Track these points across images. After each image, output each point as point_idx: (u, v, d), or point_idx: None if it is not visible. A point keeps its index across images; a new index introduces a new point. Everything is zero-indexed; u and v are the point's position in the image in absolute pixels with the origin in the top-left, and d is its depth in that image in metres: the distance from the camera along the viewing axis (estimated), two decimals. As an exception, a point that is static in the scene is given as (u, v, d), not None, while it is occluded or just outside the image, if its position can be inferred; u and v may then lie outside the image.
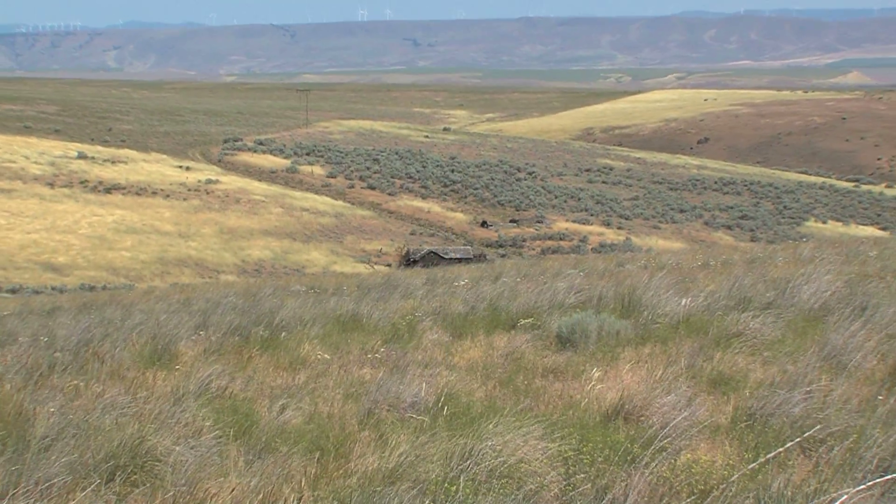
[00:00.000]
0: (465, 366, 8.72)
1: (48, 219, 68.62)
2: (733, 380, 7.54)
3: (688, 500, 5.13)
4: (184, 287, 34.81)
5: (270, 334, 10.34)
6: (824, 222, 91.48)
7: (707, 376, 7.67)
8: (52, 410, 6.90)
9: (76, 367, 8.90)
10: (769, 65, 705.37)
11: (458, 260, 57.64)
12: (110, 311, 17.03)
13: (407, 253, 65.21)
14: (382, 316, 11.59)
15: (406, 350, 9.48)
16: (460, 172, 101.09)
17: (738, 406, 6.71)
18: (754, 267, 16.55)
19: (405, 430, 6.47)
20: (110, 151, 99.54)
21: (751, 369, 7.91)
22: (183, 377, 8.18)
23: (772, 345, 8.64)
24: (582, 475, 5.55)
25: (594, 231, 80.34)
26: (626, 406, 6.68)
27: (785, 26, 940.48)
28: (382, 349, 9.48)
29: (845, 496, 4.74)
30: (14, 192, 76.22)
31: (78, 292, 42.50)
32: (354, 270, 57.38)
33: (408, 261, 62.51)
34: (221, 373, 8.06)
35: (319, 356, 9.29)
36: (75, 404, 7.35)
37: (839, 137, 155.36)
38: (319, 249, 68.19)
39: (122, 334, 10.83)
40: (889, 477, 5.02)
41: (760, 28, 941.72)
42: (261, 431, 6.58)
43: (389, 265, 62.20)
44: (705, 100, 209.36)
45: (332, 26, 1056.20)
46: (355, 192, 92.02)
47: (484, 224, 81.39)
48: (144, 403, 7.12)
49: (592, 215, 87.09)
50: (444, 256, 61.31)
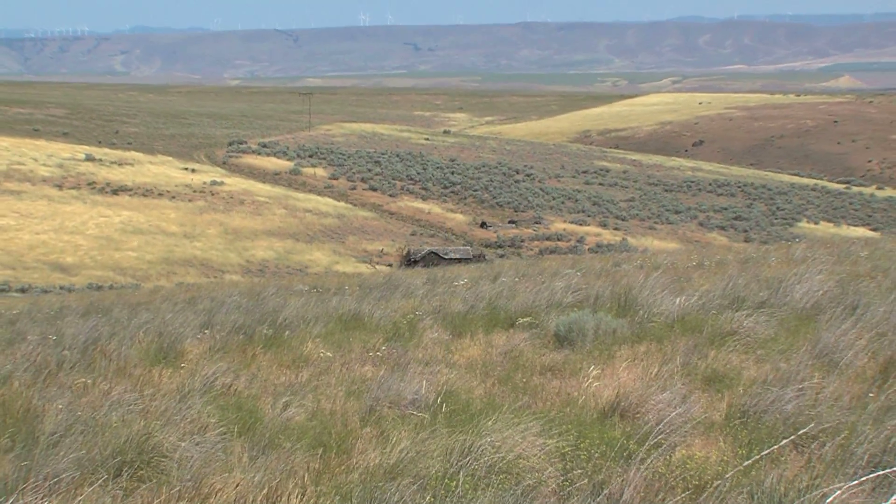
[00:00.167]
0: (465, 364, 8.76)
1: (56, 220, 68.56)
2: (727, 377, 7.58)
3: (683, 496, 5.17)
4: (189, 286, 34.83)
5: (274, 333, 10.36)
6: (816, 223, 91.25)
7: (701, 374, 7.71)
8: (61, 407, 6.96)
9: (84, 365, 8.95)
10: (763, 69, 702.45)
11: (458, 260, 57.61)
12: (117, 311, 17.13)
13: (408, 253, 65.15)
14: (384, 315, 11.62)
15: (407, 348, 9.52)
16: (460, 174, 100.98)
17: (732, 403, 6.74)
18: (748, 267, 16.63)
19: (406, 427, 6.53)
20: (117, 154, 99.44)
21: (744, 367, 7.95)
22: (188, 375, 8.24)
23: (765, 343, 8.68)
24: (579, 471, 5.59)
25: (591, 232, 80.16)
26: (623, 403, 6.72)
27: (778, 31, 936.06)
28: (384, 347, 9.53)
29: (837, 492, 4.78)
30: (23, 194, 76.14)
31: (85, 292, 42.52)
32: (356, 270, 57.34)
33: (408, 261, 62.46)
34: (226, 370, 8.10)
35: (322, 354, 9.34)
36: (83, 401, 7.41)
37: (831, 140, 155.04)
38: (322, 250, 68.12)
39: (129, 333, 10.89)
40: (880, 472, 5.06)
41: (754, 33, 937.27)
42: (264, 428, 6.63)
43: (390, 265, 62.15)
44: (700, 103, 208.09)
45: (335, 31, 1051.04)
46: (357, 194, 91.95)
47: (483, 225, 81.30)
48: (151, 400, 7.21)
49: (589, 216, 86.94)
50: (444, 257, 61.27)
